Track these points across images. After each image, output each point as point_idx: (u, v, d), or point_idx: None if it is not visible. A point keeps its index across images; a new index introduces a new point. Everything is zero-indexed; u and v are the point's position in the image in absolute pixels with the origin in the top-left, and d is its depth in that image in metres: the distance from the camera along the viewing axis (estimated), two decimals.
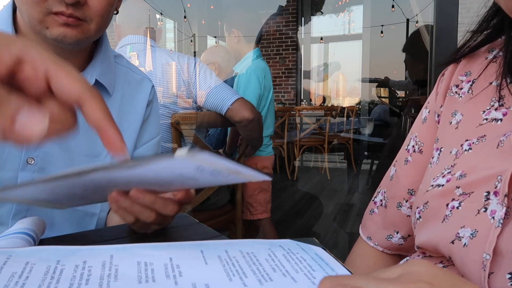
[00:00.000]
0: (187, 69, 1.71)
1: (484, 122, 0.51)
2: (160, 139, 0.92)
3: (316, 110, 5.48)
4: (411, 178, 0.62)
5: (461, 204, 0.47)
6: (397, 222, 0.64)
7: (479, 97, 0.53)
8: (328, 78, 7.30)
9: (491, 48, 0.56)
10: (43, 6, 0.64)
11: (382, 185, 0.69)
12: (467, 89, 0.56)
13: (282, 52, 6.48)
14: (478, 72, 0.55)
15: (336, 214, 3.50)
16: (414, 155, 0.62)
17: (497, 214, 0.43)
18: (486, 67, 0.55)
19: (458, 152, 0.52)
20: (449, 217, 0.48)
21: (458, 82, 0.58)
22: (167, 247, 0.44)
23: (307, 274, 0.38)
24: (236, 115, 1.66)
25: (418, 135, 0.63)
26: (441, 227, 0.48)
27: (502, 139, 0.47)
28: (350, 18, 7.02)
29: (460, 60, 0.59)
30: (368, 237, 0.69)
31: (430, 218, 0.51)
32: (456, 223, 0.46)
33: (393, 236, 0.65)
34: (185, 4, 6.08)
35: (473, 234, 0.44)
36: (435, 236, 0.49)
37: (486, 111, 0.52)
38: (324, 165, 4.98)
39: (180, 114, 1.65)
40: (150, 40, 1.71)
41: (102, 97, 0.35)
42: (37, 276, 0.36)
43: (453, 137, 0.54)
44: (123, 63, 0.87)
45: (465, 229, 0.45)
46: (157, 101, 0.91)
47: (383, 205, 0.67)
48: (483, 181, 0.46)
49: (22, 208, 0.72)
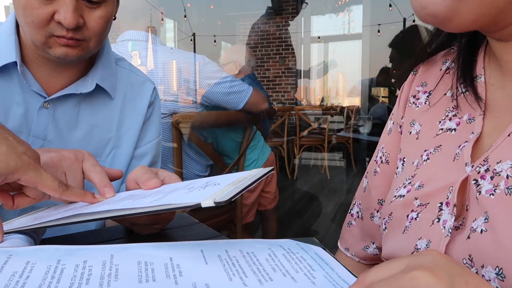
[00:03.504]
0: (187, 67, 1.71)
1: (440, 132, 0.52)
2: (161, 139, 0.93)
3: (316, 110, 5.48)
4: (380, 188, 0.63)
5: (418, 215, 0.49)
6: (372, 232, 0.65)
7: (435, 108, 0.55)
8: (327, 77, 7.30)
9: (445, 60, 0.57)
10: (46, 30, 0.68)
11: (357, 196, 0.69)
12: (424, 100, 0.57)
13: (282, 52, 6.47)
14: (434, 83, 0.57)
15: (336, 213, 3.49)
16: (382, 166, 0.63)
17: (447, 224, 0.44)
18: (442, 78, 0.56)
19: (419, 163, 0.53)
20: (408, 228, 0.49)
21: (415, 93, 0.59)
22: (168, 247, 0.44)
23: (307, 274, 0.39)
24: (255, 107, 1.78)
25: (385, 146, 0.63)
26: (402, 239, 0.50)
27: (457, 152, 0.48)
28: (350, 17, 7.01)
29: (416, 72, 0.61)
30: (345, 248, 0.69)
31: (393, 229, 0.52)
32: (415, 234, 0.48)
33: (369, 247, 0.66)
34: (185, 4, 6.08)
35: (427, 244, 0.46)
36: (398, 248, 0.50)
37: (441, 121, 0.53)
38: (324, 164, 4.98)
39: (180, 114, 1.66)
40: (152, 38, 1.71)
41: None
42: (37, 276, 0.36)
43: (415, 148, 0.55)
44: (125, 66, 0.89)
45: (422, 240, 0.46)
46: (159, 103, 0.92)
47: (359, 217, 0.67)
48: (437, 192, 0.47)
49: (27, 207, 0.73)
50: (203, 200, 0.37)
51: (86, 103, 0.80)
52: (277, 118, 4.72)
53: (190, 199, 0.40)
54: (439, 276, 0.24)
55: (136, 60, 1.66)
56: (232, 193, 0.39)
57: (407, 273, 0.25)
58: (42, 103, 0.75)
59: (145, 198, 0.47)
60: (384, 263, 0.28)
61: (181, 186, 0.50)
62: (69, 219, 0.46)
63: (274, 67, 6.49)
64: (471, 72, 0.51)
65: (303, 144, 4.79)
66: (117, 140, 0.83)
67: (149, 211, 0.42)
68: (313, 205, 3.89)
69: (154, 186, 0.54)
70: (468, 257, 0.41)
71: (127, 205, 0.45)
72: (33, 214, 0.57)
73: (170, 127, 1.65)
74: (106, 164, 0.81)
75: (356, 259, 0.68)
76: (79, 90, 0.77)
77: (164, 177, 0.57)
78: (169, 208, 0.40)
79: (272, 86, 6.54)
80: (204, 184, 0.47)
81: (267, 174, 0.47)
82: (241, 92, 1.73)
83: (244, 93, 1.73)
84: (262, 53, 6.48)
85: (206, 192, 0.42)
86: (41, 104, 0.75)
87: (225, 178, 0.47)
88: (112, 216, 0.45)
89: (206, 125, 1.77)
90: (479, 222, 0.41)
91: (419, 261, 0.27)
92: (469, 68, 0.52)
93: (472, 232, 0.42)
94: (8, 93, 0.73)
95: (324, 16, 7.16)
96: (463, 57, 0.52)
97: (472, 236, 0.42)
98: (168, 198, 0.43)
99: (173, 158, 1.67)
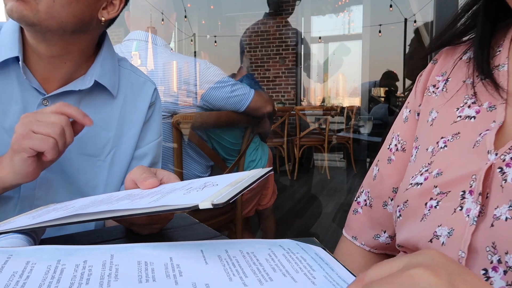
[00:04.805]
0: (187, 68, 1.71)
1: (458, 119, 0.52)
2: (161, 140, 0.93)
3: (316, 110, 5.48)
4: (395, 177, 0.63)
5: (438, 203, 0.49)
6: (384, 221, 0.65)
7: (453, 95, 0.55)
8: (328, 77, 7.30)
9: (465, 49, 0.58)
10: None
11: (365, 185, 0.69)
12: (441, 87, 0.57)
13: (282, 52, 6.47)
14: (452, 71, 0.57)
15: (336, 213, 3.49)
16: (397, 153, 0.63)
17: (471, 212, 0.44)
18: (460, 65, 0.56)
19: (434, 150, 0.53)
20: (427, 216, 0.49)
21: (435, 82, 0.59)
22: (167, 247, 0.44)
23: (307, 274, 0.39)
24: (257, 111, 1.77)
25: (400, 134, 0.64)
26: (419, 226, 0.50)
27: (478, 139, 0.48)
28: (350, 18, 7.01)
29: (436, 61, 0.61)
30: (353, 236, 0.69)
31: (409, 216, 0.52)
32: (434, 222, 0.48)
33: (381, 236, 0.65)
34: (185, 4, 6.09)
35: (450, 232, 0.46)
36: (414, 235, 0.50)
37: (459, 108, 0.53)
38: (324, 164, 4.98)
39: (181, 114, 1.66)
40: (152, 38, 1.71)
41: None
42: (37, 276, 0.36)
43: (429, 135, 0.55)
44: (126, 66, 0.89)
45: (442, 228, 0.46)
46: (159, 103, 0.93)
47: (367, 205, 0.67)
48: (459, 181, 0.47)
49: (26, 204, 0.74)
50: (201, 202, 0.37)
51: (86, 102, 0.80)
52: (277, 118, 4.72)
53: (188, 200, 0.40)
54: (438, 274, 0.24)
55: (136, 60, 1.66)
56: (230, 194, 0.39)
57: (406, 271, 0.25)
58: (41, 100, 0.75)
59: (143, 199, 0.47)
60: (383, 262, 0.28)
61: (179, 186, 0.50)
62: (68, 219, 0.46)
63: (274, 67, 6.49)
64: (488, 61, 0.51)
65: (303, 144, 4.79)
66: (117, 140, 0.83)
67: (146, 212, 0.41)
68: (313, 205, 3.89)
69: (152, 185, 0.54)
70: (491, 245, 0.42)
71: (125, 206, 0.45)
72: (31, 213, 0.57)
73: (171, 128, 1.65)
74: (105, 164, 0.81)
75: (367, 248, 0.68)
76: (78, 87, 0.77)
77: (162, 177, 0.57)
78: (166, 209, 0.40)
79: (272, 86, 6.54)
80: (202, 185, 0.47)
81: (267, 174, 0.47)
82: (243, 95, 1.73)
83: (246, 96, 1.73)
84: (262, 53, 6.48)
85: (204, 193, 0.42)
86: (40, 101, 0.75)
87: (224, 179, 0.47)
88: (110, 216, 0.45)
89: (207, 125, 1.77)
90: (503, 210, 0.42)
91: (418, 259, 0.27)
92: (488, 57, 0.52)
93: (496, 220, 0.42)
94: (6, 90, 0.74)
95: (324, 16, 7.16)
96: (482, 46, 0.53)
97: (496, 223, 0.42)
98: (166, 199, 0.43)
99: (174, 158, 1.67)
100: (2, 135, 0.72)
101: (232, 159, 1.92)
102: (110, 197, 0.55)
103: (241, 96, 1.73)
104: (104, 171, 0.81)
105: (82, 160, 0.79)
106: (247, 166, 1.97)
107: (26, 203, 0.74)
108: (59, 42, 0.74)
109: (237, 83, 1.75)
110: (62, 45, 0.74)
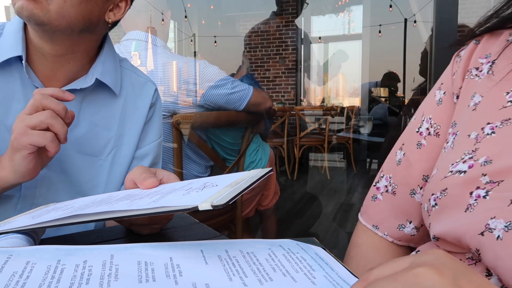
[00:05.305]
0: (187, 68, 1.72)
1: (508, 104, 0.48)
2: (162, 141, 0.93)
3: (316, 110, 5.48)
4: (426, 163, 0.58)
5: (488, 193, 0.44)
6: (410, 211, 0.60)
7: (502, 78, 0.50)
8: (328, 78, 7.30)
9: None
10: None
11: (386, 169, 0.64)
12: (486, 70, 0.53)
13: (282, 52, 6.48)
14: (498, 53, 0.52)
15: (336, 213, 3.49)
16: (430, 138, 0.58)
17: None
18: (508, 47, 0.51)
19: (478, 136, 0.49)
20: (474, 206, 0.45)
21: (478, 65, 0.55)
22: (167, 247, 0.44)
23: (307, 274, 0.39)
24: (257, 107, 1.78)
25: (433, 117, 0.59)
26: (464, 217, 0.45)
27: None
28: (350, 18, 7.01)
29: (479, 42, 0.56)
30: (374, 225, 0.64)
31: (449, 206, 0.48)
32: (484, 213, 0.43)
33: (406, 226, 0.61)
34: (185, 4, 6.09)
35: (508, 226, 0.41)
36: (458, 227, 0.46)
37: (510, 92, 0.48)
38: (324, 164, 4.98)
39: (181, 114, 1.66)
40: (151, 39, 1.71)
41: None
42: (37, 276, 0.36)
43: (472, 120, 0.51)
44: (127, 67, 0.90)
45: (497, 220, 0.42)
46: (160, 104, 0.93)
47: (389, 192, 0.63)
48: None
49: (27, 203, 0.74)
50: (201, 203, 0.37)
51: (88, 101, 0.80)
52: (277, 118, 4.72)
53: (187, 201, 0.40)
54: (443, 273, 0.24)
55: (136, 60, 1.66)
56: (230, 195, 0.38)
57: (411, 270, 0.25)
58: None
59: (143, 199, 0.47)
60: (388, 262, 0.28)
61: (179, 187, 0.50)
62: (67, 220, 0.46)
63: (274, 67, 6.49)
64: None
65: (303, 144, 4.79)
66: (117, 140, 0.83)
67: (146, 213, 0.41)
68: (313, 205, 3.89)
69: (151, 185, 0.54)
70: None
71: (124, 206, 0.45)
72: (31, 213, 0.57)
73: (171, 128, 1.65)
74: (106, 164, 0.82)
75: (390, 239, 0.63)
76: (80, 85, 0.77)
77: (162, 177, 0.57)
78: (166, 210, 0.40)
79: (272, 86, 6.55)
80: (202, 185, 0.47)
81: (266, 175, 0.47)
82: (242, 91, 1.74)
83: (245, 92, 1.74)
84: (262, 53, 6.48)
85: (204, 194, 0.42)
86: None
87: (224, 179, 0.47)
88: (109, 217, 0.45)
89: (207, 125, 1.77)
90: None
91: (423, 259, 0.27)
92: None
93: None
94: (9, 89, 0.74)
95: (324, 16, 7.16)
96: None
97: None
98: (165, 200, 0.43)
99: (173, 158, 1.67)
100: (4, 134, 0.73)
101: (232, 159, 1.92)
102: (109, 197, 0.55)
103: (241, 92, 1.73)
104: (105, 171, 0.81)
105: (83, 160, 0.79)
106: (247, 167, 1.97)
107: (27, 202, 0.74)
108: (65, 42, 0.74)
109: (236, 80, 1.76)
110: (68, 44, 0.75)
